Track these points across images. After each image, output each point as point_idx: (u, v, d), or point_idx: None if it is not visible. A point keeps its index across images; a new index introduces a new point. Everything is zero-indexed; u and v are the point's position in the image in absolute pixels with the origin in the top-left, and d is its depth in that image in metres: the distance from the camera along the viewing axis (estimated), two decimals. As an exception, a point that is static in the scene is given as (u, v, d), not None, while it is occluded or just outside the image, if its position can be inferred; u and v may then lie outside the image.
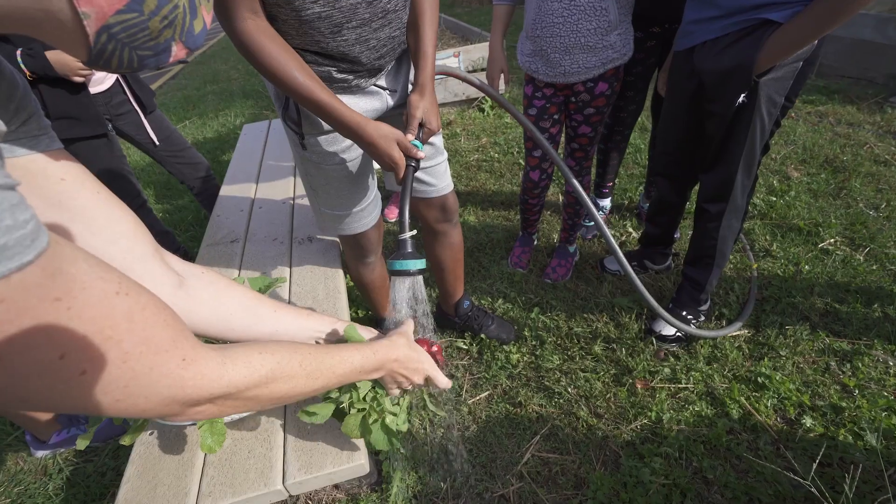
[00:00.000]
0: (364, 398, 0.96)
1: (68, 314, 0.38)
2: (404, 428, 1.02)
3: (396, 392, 0.95)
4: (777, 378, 1.55)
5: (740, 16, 1.20)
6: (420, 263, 0.96)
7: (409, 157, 1.05)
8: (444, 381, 0.95)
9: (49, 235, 0.37)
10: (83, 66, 1.55)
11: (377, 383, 0.96)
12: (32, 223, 0.35)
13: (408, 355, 0.88)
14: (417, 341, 0.97)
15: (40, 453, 1.62)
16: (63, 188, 0.59)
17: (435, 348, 0.99)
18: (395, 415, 1.00)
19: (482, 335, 1.80)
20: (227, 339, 0.82)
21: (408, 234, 0.97)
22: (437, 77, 1.24)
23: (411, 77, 1.23)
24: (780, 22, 1.15)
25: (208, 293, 0.77)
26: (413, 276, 0.97)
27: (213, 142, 4.19)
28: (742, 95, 1.27)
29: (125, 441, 0.97)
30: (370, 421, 0.97)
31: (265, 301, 0.85)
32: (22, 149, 0.56)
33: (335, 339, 0.95)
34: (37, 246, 0.35)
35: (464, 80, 1.45)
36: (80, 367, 0.39)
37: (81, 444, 0.98)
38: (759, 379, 1.55)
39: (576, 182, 1.45)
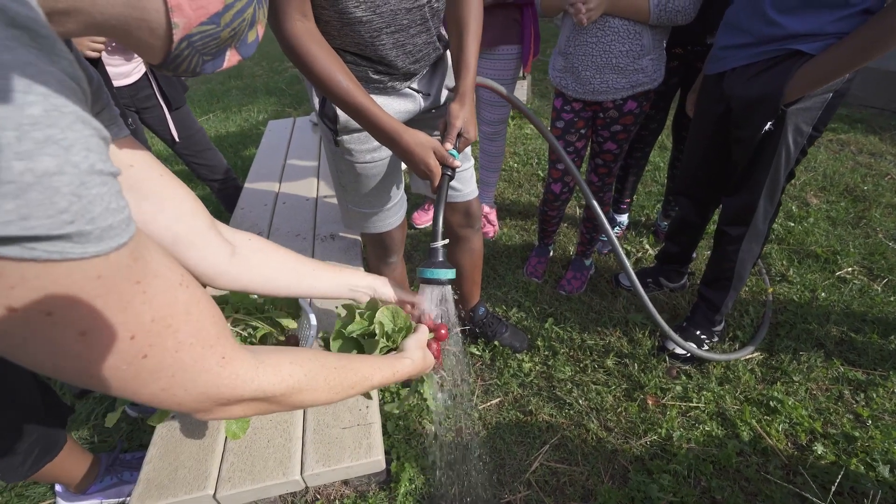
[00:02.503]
0: None
1: (143, 297, 0.40)
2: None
3: None
4: (789, 403, 1.55)
5: (772, 45, 1.21)
6: (451, 273, 0.96)
7: (444, 165, 1.06)
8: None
9: (135, 222, 0.40)
10: (94, 39, 1.57)
11: None
12: (128, 210, 0.38)
13: (422, 369, 0.91)
14: (434, 336, 0.99)
15: None
16: (133, 173, 0.64)
17: (435, 346, 0.99)
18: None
19: (495, 342, 1.82)
20: (274, 295, 0.90)
21: (440, 243, 0.98)
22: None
23: (446, 82, 1.27)
24: (810, 53, 1.16)
25: (257, 258, 0.85)
26: (443, 286, 0.98)
27: (236, 136, 4.25)
28: (769, 123, 1.28)
29: (153, 421, 1.00)
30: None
31: (305, 261, 0.94)
32: None
33: (369, 292, 1.02)
34: (130, 230, 0.38)
35: (496, 91, 1.47)
36: (143, 350, 0.41)
37: (111, 420, 1.01)
38: (771, 403, 1.56)
39: (594, 202, 1.46)
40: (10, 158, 0.29)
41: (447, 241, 1.01)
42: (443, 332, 1.00)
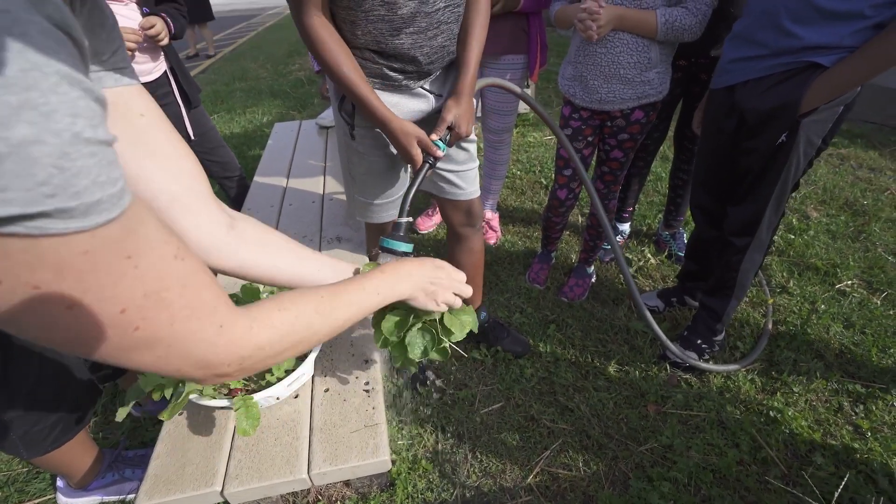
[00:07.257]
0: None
1: (134, 272, 0.39)
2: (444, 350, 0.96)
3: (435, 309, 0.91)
4: (789, 413, 1.56)
5: (788, 57, 1.23)
6: (406, 247, 1.03)
7: (427, 154, 1.15)
8: (468, 290, 0.95)
9: (130, 194, 0.39)
10: (133, 30, 1.64)
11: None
12: (122, 181, 0.36)
13: (413, 265, 0.87)
14: None
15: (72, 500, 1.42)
16: (141, 123, 0.62)
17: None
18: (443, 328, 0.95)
19: (497, 347, 1.83)
20: (275, 279, 0.83)
21: (404, 219, 1.06)
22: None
23: None
24: (826, 66, 1.18)
25: (254, 234, 0.80)
26: (397, 257, 1.03)
27: (240, 137, 4.28)
28: (783, 135, 1.30)
29: (164, 416, 1.00)
30: (408, 324, 0.93)
31: (303, 245, 0.90)
32: (110, 80, 0.59)
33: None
34: (122, 204, 0.37)
35: (511, 91, 1.49)
36: (134, 323, 0.41)
37: (121, 414, 1.02)
38: (770, 413, 1.57)
39: (601, 207, 1.49)
40: None
41: (411, 218, 1.09)
42: None
